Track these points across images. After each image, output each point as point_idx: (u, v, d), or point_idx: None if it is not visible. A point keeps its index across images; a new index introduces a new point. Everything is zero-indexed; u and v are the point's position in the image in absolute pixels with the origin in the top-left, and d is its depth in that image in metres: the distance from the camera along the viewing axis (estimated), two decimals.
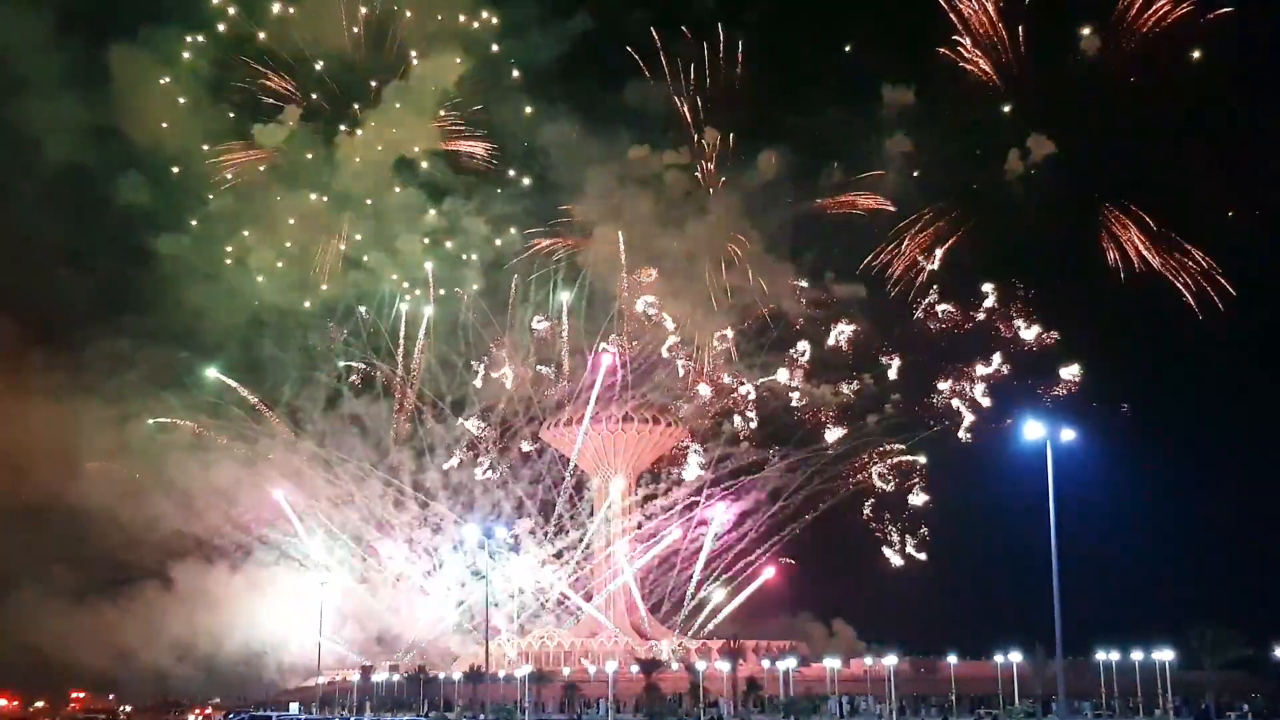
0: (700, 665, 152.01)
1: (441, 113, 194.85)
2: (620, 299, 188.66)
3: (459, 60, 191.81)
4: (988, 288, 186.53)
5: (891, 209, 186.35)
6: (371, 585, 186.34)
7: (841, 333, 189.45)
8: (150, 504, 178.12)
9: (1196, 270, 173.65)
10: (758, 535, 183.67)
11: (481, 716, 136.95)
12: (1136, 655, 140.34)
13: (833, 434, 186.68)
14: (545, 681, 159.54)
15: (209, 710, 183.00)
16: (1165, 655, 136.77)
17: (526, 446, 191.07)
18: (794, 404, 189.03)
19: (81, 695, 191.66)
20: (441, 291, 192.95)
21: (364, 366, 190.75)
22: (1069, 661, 68.31)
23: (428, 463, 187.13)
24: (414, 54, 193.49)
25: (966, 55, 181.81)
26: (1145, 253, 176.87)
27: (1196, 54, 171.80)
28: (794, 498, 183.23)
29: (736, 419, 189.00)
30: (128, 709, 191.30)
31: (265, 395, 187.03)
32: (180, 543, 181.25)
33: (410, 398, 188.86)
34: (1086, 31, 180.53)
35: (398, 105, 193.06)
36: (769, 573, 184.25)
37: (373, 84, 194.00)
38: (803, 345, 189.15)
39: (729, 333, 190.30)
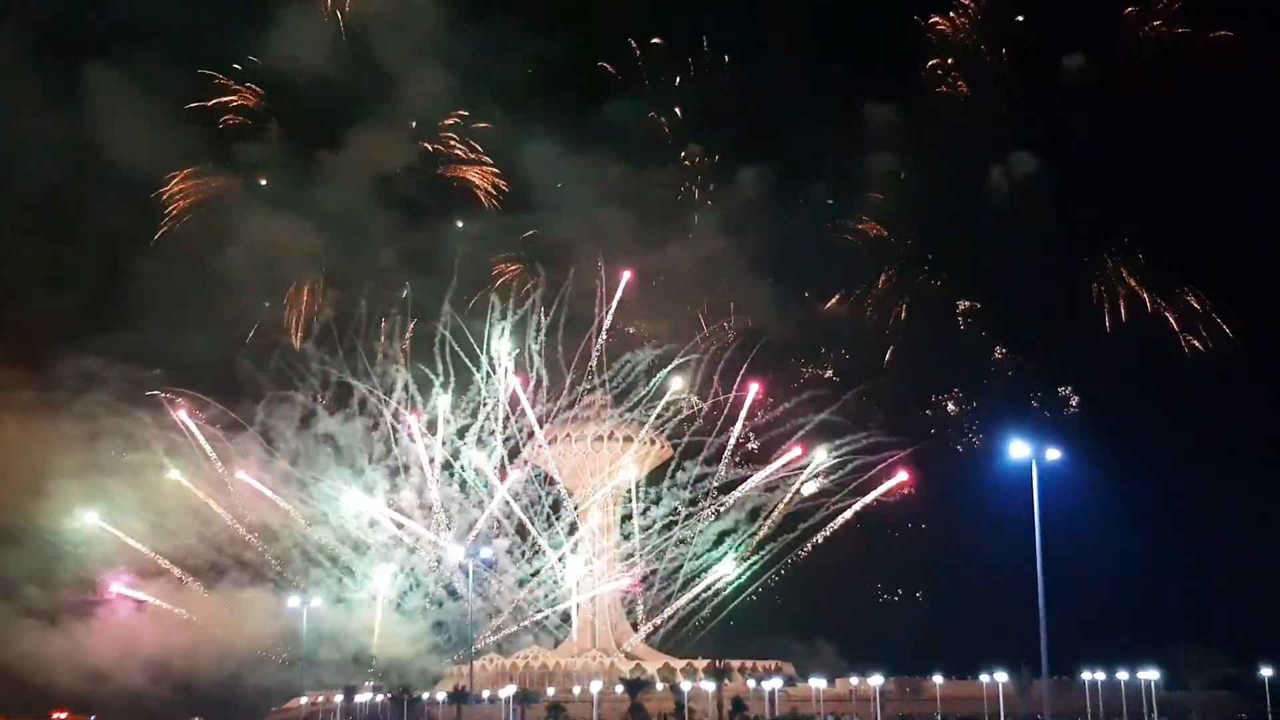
0: (685, 685, 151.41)
1: (422, 132, 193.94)
2: (600, 317, 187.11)
3: (440, 79, 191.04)
4: (969, 312, 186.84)
5: (875, 232, 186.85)
6: (348, 605, 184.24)
7: (825, 354, 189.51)
8: (121, 523, 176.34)
9: (1187, 308, 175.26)
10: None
11: None
12: (1122, 675, 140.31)
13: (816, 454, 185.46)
14: (529, 702, 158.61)
15: None
16: (1151, 675, 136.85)
17: (506, 465, 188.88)
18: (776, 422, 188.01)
19: (64, 715, 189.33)
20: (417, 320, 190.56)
21: (339, 388, 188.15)
22: (1055, 681, 67.94)
23: (402, 482, 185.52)
24: (395, 73, 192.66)
25: (949, 75, 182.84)
26: (1131, 282, 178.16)
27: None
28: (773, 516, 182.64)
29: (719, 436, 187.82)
30: None
31: (241, 414, 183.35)
32: (153, 563, 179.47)
33: (386, 417, 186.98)
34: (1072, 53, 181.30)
35: (378, 124, 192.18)
36: (902, 475, 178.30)
37: (354, 103, 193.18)
38: (786, 364, 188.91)
39: (711, 350, 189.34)
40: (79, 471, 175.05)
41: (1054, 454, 59.29)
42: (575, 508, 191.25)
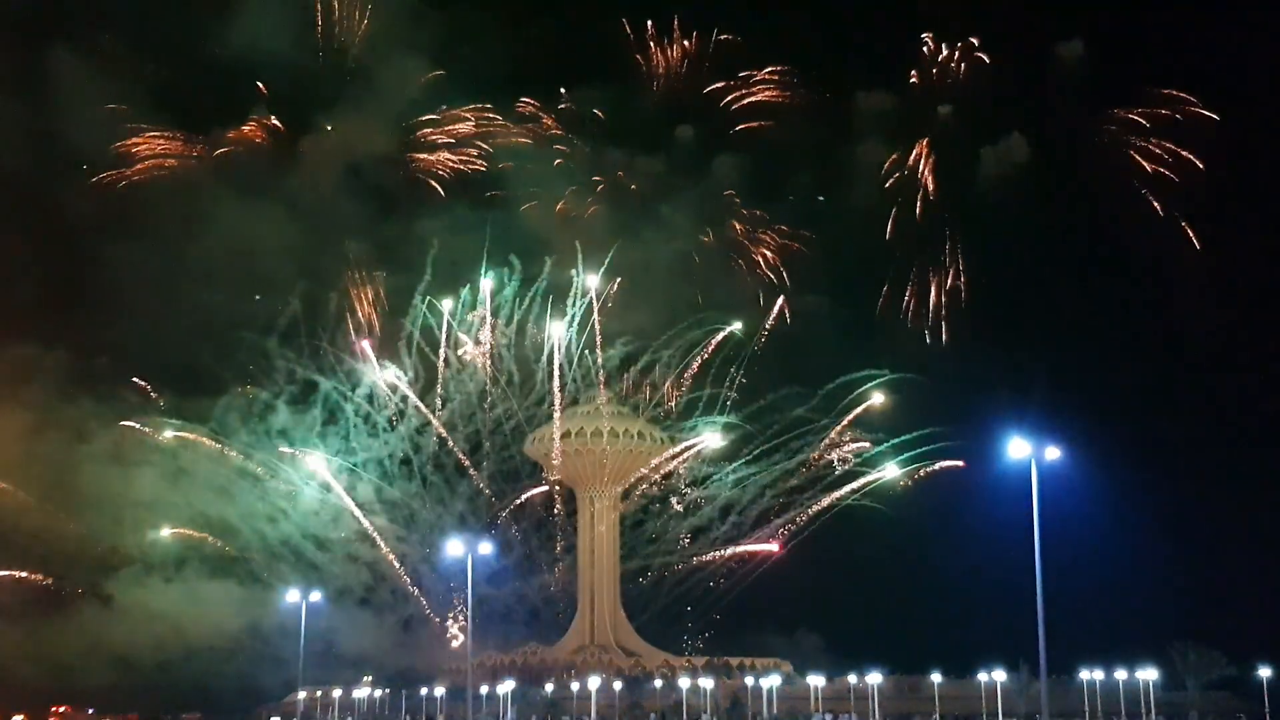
0: (684, 682, 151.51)
1: (395, 120, 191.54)
2: (577, 307, 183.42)
3: (415, 67, 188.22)
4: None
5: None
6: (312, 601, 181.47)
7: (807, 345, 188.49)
8: (80, 519, 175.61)
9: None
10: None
11: None
12: (1120, 674, 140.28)
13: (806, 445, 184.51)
14: (528, 698, 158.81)
15: None
16: (1149, 675, 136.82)
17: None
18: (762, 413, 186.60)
19: (62, 709, 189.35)
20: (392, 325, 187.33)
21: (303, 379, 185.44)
22: (1053, 680, 67.92)
23: (359, 476, 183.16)
24: (369, 61, 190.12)
25: (939, 59, 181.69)
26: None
27: None
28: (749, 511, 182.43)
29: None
30: None
31: (199, 407, 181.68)
32: (115, 557, 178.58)
33: (349, 412, 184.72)
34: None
35: (352, 113, 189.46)
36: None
37: (323, 91, 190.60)
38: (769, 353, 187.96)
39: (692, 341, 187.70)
40: (28, 463, 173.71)
41: (1054, 453, 59.12)
42: (553, 507, 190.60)
